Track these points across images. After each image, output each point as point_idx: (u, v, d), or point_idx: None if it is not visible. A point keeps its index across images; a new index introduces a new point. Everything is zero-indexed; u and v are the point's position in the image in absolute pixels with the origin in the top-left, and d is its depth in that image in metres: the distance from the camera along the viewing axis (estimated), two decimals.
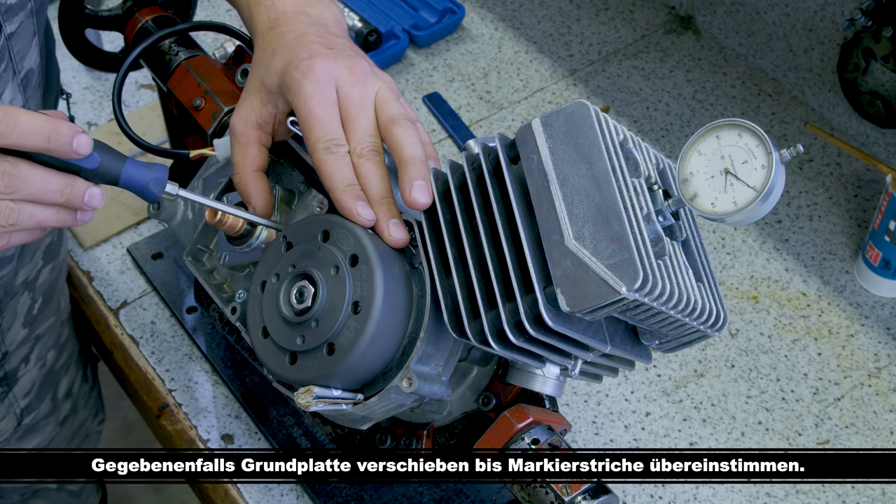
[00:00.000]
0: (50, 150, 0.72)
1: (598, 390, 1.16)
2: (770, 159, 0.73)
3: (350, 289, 0.78)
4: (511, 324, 0.75)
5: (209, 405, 1.14)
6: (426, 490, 1.04)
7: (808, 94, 1.46)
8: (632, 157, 0.77)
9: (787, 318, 1.23)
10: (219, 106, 1.02)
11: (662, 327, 0.79)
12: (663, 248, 0.75)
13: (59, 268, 1.17)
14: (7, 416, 1.15)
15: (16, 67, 0.91)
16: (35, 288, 1.11)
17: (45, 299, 1.14)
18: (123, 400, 1.29)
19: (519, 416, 0.85)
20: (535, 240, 0.76)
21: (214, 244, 0.96)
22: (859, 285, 1.26)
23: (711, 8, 1.55)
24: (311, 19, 0.89)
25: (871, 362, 1.19)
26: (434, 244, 0.79)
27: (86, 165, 0.75)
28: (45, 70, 1.02)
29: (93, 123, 1.45)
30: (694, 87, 1.50)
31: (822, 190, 1.36)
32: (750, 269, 1.28)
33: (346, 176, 0.81)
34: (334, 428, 0.94)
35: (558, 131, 0.76)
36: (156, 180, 0.79)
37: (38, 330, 1.15)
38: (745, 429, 1.13)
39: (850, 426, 1.14)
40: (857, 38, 1.33)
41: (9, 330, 1.09)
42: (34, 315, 1.13)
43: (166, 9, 1.14)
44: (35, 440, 1.21)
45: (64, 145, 0.72)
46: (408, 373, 0.79)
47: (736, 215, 0.74)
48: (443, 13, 1.56)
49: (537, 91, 1.50)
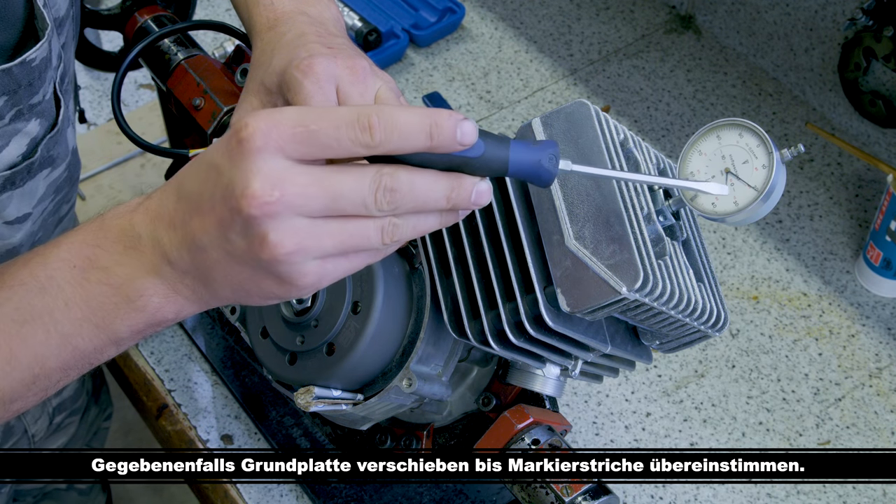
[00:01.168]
0: (433, 147, 0.61)
1: (599, 391, 1.16)
2: (771, 159, 0.72)
3: (350, 289, 0.78)
4: (511, 324, 0.75)
5: (209, 405, 1.14)
6: (426, 490, 1.04)
7: (808, 93, 1.46)
8: (632, 157, 0.77)
9: (788, 319, 1.23)
10: (218, 105, 1.01)
11: (663, 327, 0.79)
12: (664, 248, 0.75)
13: None
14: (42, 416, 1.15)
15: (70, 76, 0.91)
16: None
17: None
18: (123, 400, 1.29)
19: (519, 417, 0.85)
20: (535, 240, 0.75)
21: None
22: (860, 285, 1.26)
23: (712, 7, 1.55)
24: (311, 19, 0.88)
25: (872, 362, 1.19)
26: (434, 244, 0.79)
27: (470, 155, 0.62)
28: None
29: (92, 123, 1.44)
30: (694, 87, 1.50)
31: (823, 190, 1.36)
32: (751, 269, 1.28)
33: None
34: (334, 428, 0.94)
35: (558, 131, 0.76)
36: (549, 156, 0.63)
37: None
38: (746, 429, 1.13)
39: (850, 426, 1.14)
40: (858, 37, 1.33)
41: None
42: None
43: (165, 8, 1.14)
44: (60, 440, 1.21)
45: (448, 138, 0.60)
46: (408, 373, 0.79)
47: (737, 215, 0.73)
48: (443, 13, 1.56)
49: (537, 91, 1.50)
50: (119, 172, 1.37)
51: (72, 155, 0.91)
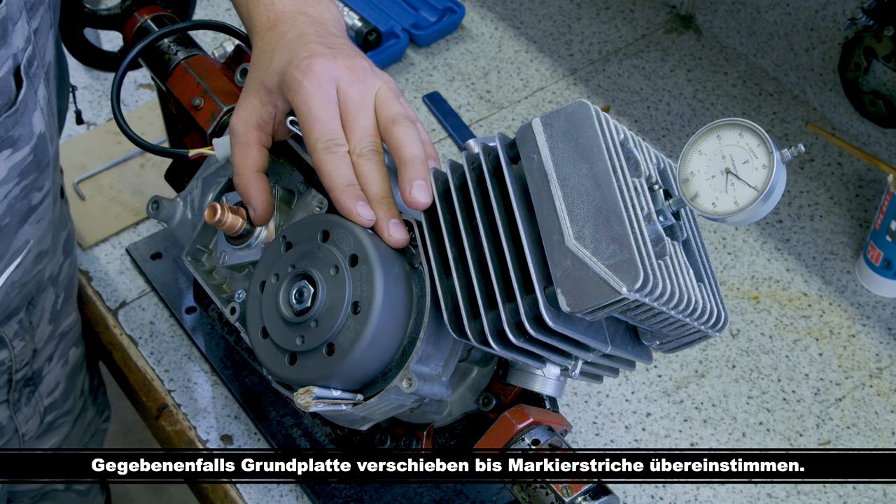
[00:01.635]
0: None
1: (599, 391, 1.16)
2: (771, 159, 0.72)
3: (350, 289, 0.78)
4: (511, 324, 0.75)
5: (208, 406, 1.14)
6: (426, 491, 1.03)
7: (809, 93, 1.46)
8: (632, 157, 0.77)
9: (789, 319, 1.23)
10: (218, 105, 1.01)
11: (663, 328, 0.79)
12: (664, 248, 0.74)
13: (75, 262, 1.18)
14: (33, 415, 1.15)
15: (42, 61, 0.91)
16: (58, 283, 1.12)
17: (66, 294, 1.14)
18: (122, 400, 1.29)
19: (519, 417, 0.85)
20: (535, 240, 0.75)
21: (214, 244, 0.96)
22: (861, 285, 1.26)
23: (712, 7, 1.55)
24: (311, 19, 0.88)
25: (873, 363, 1.19)
26: (434, 244, 0.79)
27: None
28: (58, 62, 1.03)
29: (92, 123, 1.44)
30: (695, 87, 1.49)
31: (824, 190, 1.36)
32: (751, 269, 1.28)
33: (345, 176, 0.81)
34: (334, 429, 0.94)
35: (559, 131, 0.76)
36: None
37: (62, 327, 1.15)
38: (746, 429, 1.13)
39: (851, 427, 1.13)
40: (859, 37, 1.33)
41: (38, 327, 1.09)
42: (58, 311, 1.13)
43: (165, 8, 1.14)
44: (52, 440, 1.21)
45: None
46: (408, 373, 0.79)
47: (737, 215, 0.73)
48: (443, 12, 1.56)
49: (537, 90, 1.49)
50: (119, 172, 1.37)
51: (37, 139, 0.91)
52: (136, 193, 1.34)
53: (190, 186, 1.00)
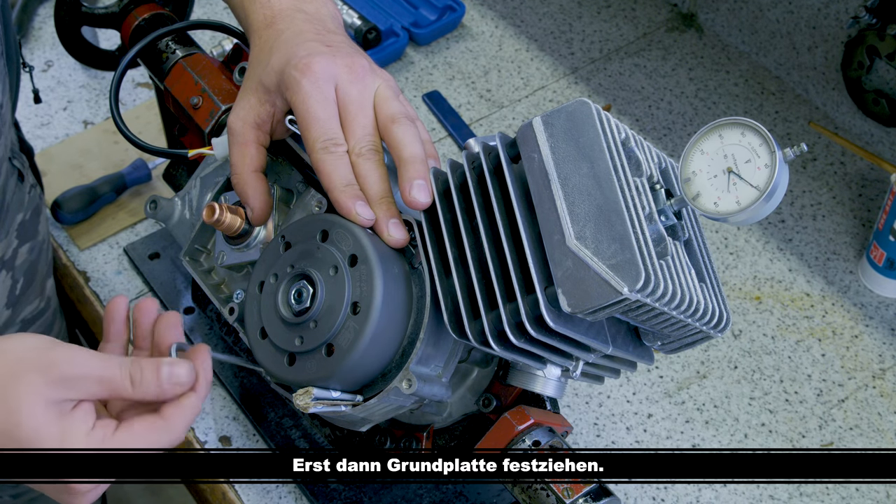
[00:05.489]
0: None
1: (600, 392, 1.15)
2: (773, 158, 0.72)
3: (349, 289, 0.78)
4: (512, 324, 0.75)
5: (207, 406, 1.13)
6: (426, 492, 1.03)
7: (811, 92, 1.45)
8: (634, 156, 0.76)
9: (791, 319, 1.22)
10: (216, 104, 1.01)
11: (665, 328, 0.79)
12: (665, 248, 0.74)
13: (41, 248, 1.16)
14: None
15: None
16: (14, 268, 1.10)
17: (26, 280, 1.13)
18: None
19: (520, 418, 0.85)
20: (536, 240, 0.75)
21: (212, 244, 0.96)
22: (863, 285, 1.25)
23: (714, 5, 1.54)
24: (308, 16, 0.88)
25: (876, 363, 1.18)
26: (434, 244, 0.78)
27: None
28: (5, 38, 1.01)
29: (89, 122, 1.44)
30: (696, 86, 1.49)
31: (826, 189, 1.36)
32: (753, 270, 1.27)
33: (344, 175, 0.80)
34: (333, 430, 0.94)
35: (559, 130, 0.75)
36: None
37: (24, 313, 1.14)
38: (749, 430, 1.13)
39: (854, 428, 1.13)
40: (862, 35, 1.33)
41: None
42: (17, 296, 1.12)
43: (163, 7, 1.14)
44: None
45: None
46: (407, 374, 0.78)
47: (739, 215, 0.73)
48: (443, 11, 1.55)
49: (538, 89, 1.49)
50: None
51: None
52: (135, 193, 1.34)
53: (188, 186, 1.00)
